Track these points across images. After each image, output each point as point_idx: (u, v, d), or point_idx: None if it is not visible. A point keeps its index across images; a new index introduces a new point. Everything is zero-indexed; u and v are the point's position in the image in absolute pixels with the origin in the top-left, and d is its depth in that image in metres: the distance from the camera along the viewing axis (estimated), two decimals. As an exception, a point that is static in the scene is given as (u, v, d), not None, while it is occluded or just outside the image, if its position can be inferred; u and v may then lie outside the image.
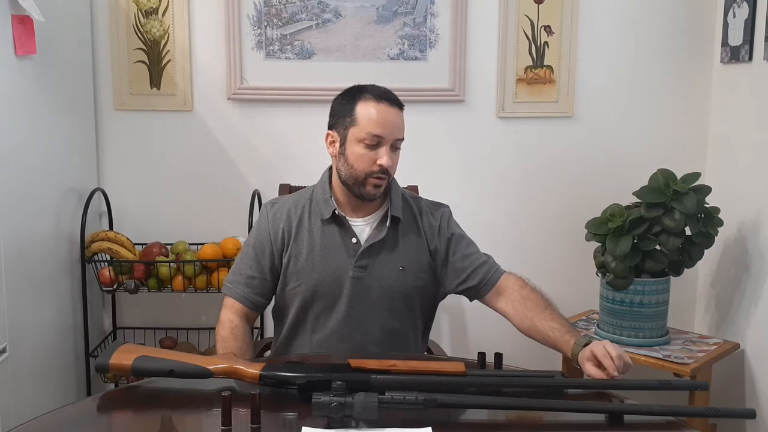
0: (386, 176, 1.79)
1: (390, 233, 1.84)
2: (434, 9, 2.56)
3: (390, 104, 1.79)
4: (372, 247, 1.83)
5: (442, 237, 1.90)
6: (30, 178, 2.10)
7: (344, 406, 1.31)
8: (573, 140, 2.66)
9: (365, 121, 1.77)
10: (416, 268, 1.86)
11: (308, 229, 1.86)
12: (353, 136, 1.78)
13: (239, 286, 1.88)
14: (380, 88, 1.84)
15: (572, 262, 2.66)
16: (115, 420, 1.51)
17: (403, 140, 1.82)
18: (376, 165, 1.77)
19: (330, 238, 1.84)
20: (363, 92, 1.81)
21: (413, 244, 1.87)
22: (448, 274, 1.89)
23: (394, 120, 1.78)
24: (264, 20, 2.55)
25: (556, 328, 1.74)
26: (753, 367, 2.31)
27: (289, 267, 1.85)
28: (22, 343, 2.02)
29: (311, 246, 1.84)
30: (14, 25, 1.95)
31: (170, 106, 2.59)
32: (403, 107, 1.83)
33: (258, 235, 1.89)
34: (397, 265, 1.84)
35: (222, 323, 1.86)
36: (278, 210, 1.89)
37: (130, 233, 2.54)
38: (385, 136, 1.77)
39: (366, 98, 1.79)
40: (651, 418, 1.41)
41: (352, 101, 1.80)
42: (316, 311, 1.85)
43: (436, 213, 1.93)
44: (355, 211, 1.86)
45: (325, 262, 1.83)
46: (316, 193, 1.90)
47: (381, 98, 1.79)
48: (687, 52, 2.62)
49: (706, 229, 2.20)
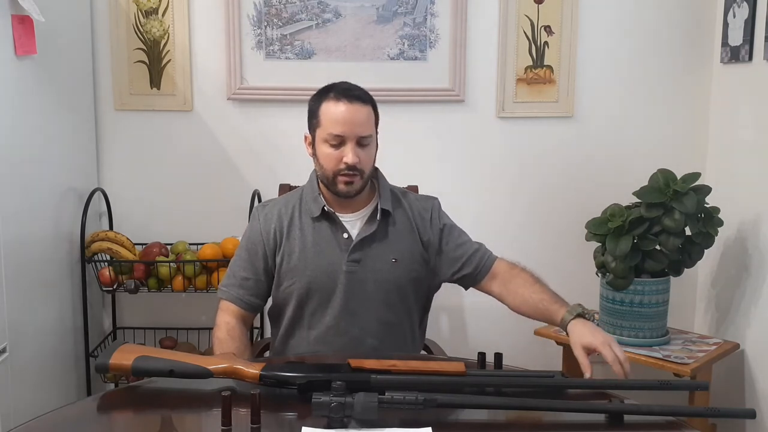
0: (355, 173, 1.79)
1: (381, 227, 1.86)
2: (434, 9, 2.56)
3: (350, 101, 1.79)
4: (364, 241, 1.84)
5: (434, 228, 1.92)
6: (30, 179, 2.10)
7: (344, 406, 1.30)
8: (573, 140, 2.65)
9: (326, 121, 1.79)
10: (409, 259, 1.88)
11: (299, 227, 1.87)
12: (320, 136, 1.81)
13: (234, 288, 1.90)
14: (344, 85, 1.84)
15: (572, 262, 2.65)
16: (115, 420, 1.51)
17: (370, 136, 1.82)
18: (342, 163, 1.78)
19: (321, 234, 1.86)
20: (328, 92, 1.82)
21: (405, 237, 1.89)
22: (443, 263, 1.92)
23: (353, 117, 1.78)
24: (264, 20, 2.55)
25: (545, 299, 1.80)
26: (753, 367, 2.30)
27: (282, 266, 1.87)
28: (22, 343, 2.02)
29: (303, 244, 1.85)
30: (14, 25, 1.95)
31: (170, 106, 2.59)
32: (369, 102, 1.83)
33: (250, 237, 1.91)
34: (390, 257, 1.86)
35: (219, 325, 1.87)
36: (269, 211, 1.91)
37: (130, 233, 2.54)
38: (346, 134, 1.78)
39: (329, 98, 1.81)
40: (651, 418, 1.41)
41: (318, 101, 1.83)
42: (311, 308, 1.86)
43: (425, 205, 1.95)
44: (344, 208, 1.88)
45: (318, 259, 1.84)
46: (305, 192, 1.92)
47: (341, 96, 1.79)
48: (687, 52, 2.62)
49: (706, 229, 2.20)
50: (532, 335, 2.43)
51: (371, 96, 1.85)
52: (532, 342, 2.48)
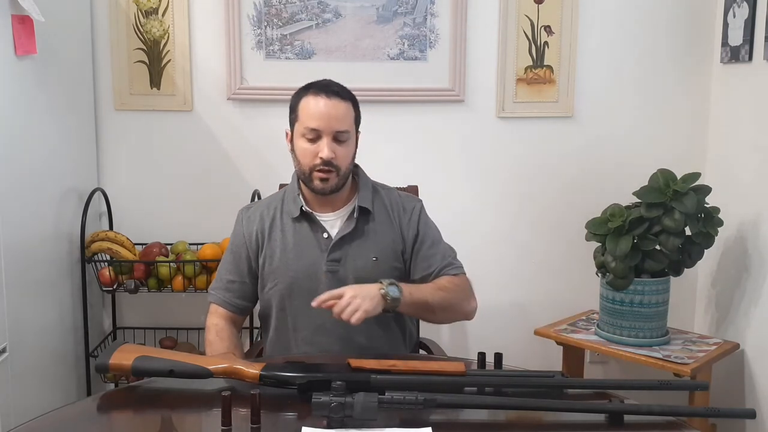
0: (331, 168, 1.79)
1: (360, 225, 1.86)
2: (434, 9, 2.56)
3: (329, 96, 1.79)
4: (343, 239, 1.84)
5: (412, 231, 1.90)
6: (30, 178, 2.10)
7: (344, 406, 1.30)
8: (573, 140, 2.65)
9: (304, 115, 1.80)
10: (390, 257, 1.88)
11: (281, 228, 1.88)
12: (297, 131, 1.82)
13: (220, 291, 1.92)
14: (324, 81, 1.84)
15: (572, 262, 2.66)
16: (115, 420, 1.51)
17: (347, 132, 1.81)
18: (318, 158, 1.78)
19: (302, 235, 1.86)
20: (308, 88, 1.83)
21: (385, 235, 1.88)
22: (416, 267, 1.90)
23: (330, 112, 1.78)
24: (264, 20, 2.55)
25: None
26: (753, 367, 2.31)
27: (265, 268, 1.87)
28: (22, 343, 2.02)
29: (284, 245, 1.86)
30: (14, 25, 1.95)
31: (170, 106, 2.59)
32: (348, 98, 1.82)
33: (234, 240, 1.92)
34: (371, 255, 1.85)
35: (208, 328, 1.89)
36: (252, 214, 1.92)
37: (130, 233, 2.54)
38: (322, 128, 1.78)
39: (308, 93, 1.81)
40: (651, 418, 1.41)
41: (298, 97, 1.84)
42: (295, 309, 1.86)
43: (408, 204, 1.94)
44: (323, 207, 1.88)
45: (299, 259, 1.84)
46: (287, 193, 1.92)
47: (320, 91, 1.80)
48: (687, 52, 2.62)
49: (706, 229, 2.20)
50: (532, 335, 2.43)
51: (353, 94, 1.85)
52: (532, 342, 2.48)
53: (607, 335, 2.29)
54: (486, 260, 2.62)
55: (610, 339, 2.27)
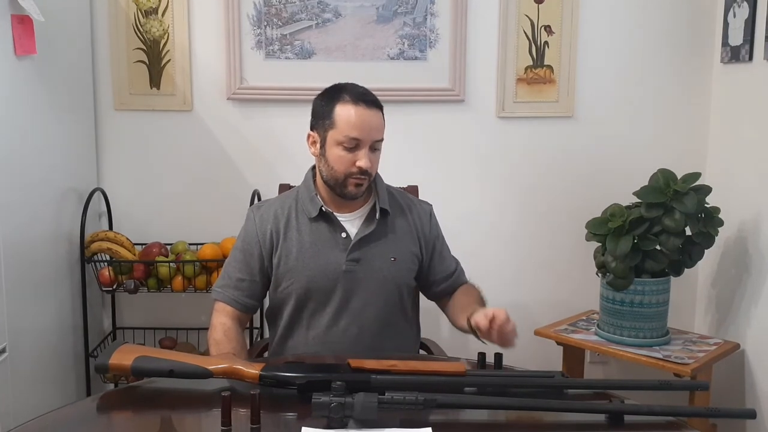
0: (366, 176, 1.81)
1: (380, 226, 1.87)
2: (434, 9, 2.56)
3: (368, 106, 1.79)
4: (363, 240, 1.85)
5: (431, 234, 1.96)
6: (30, 179, 2.10)
7: (344, 406, 1.30)
8: (573, 140, 2.65)
9: (343, 124, 1.78)
10: (408, 258, 1.90)
11: (296, 228, 1.87)
12: (332, 138, 1.80)
13: (229, 290, 1.90)
14: (359, 88, 1.83)
15: (572, 262, 2.66)
16: (115, 420, 1.50)
17: (382, 140, 1.83)
18: (355, 167, 1.79)
19: (319, 235, 1.86)
20: (341, 93, 1.81)
21: (403, 236, 1.90)
22: (426, 272, 1.97)
23: (371, 122, 1.79)
24: (264, 20, 2.55)
25: (471, 303, 1.85)
26: (753, 367, 2.30)
27: (279, 267, 1.87)
28: (22, 343, 2.02)
29: (301, 244, 1.85)
30: (14, 25, 1.95)
31: (170, 106, 2.59)
32: (381, 107, 1.84)
33: (245, 238, 1.91)
34: (389, 256, 1.87)
35: (214, 327, 1.87)
36: (264, 212, 1.91)
37: (130, 233, 2.54)
38: (363, 138, 1.78)
39: (344, 100, 1.79)
40: (651, 418, 1.41)
41: (331, 103, 1.81)
42: (310, 308, 1.87)
43: (423, 208, 1.99)
44: (341, 208, 1.88)
45: (317, 259, 1.84)
46: (301, 192, 1.92)
47: (359, 100, 1.79)
48: (687, 52, 2.62)
49: (706, 229, 2.20)
50: (532, 335, 2.43)
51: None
52: (532, 342, 2.47)
53: (608, 335, 2.29)
54: (486, 260, 2.62)
55: (611, 339, 2.27)
